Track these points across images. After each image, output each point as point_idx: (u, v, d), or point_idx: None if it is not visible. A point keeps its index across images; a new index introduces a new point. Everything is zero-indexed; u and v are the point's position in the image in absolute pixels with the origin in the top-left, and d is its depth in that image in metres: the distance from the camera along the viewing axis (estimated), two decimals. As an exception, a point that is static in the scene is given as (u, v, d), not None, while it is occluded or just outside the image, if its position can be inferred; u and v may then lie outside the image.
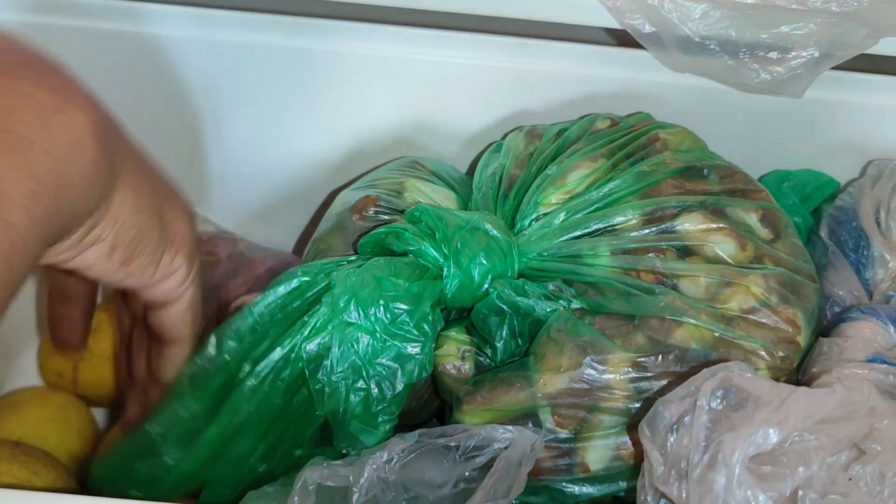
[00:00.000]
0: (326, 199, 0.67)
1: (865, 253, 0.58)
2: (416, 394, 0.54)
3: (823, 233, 0.60)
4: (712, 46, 0.56)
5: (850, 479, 0.39)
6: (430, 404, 0.55)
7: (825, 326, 0.54)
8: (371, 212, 0.56)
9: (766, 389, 0.38)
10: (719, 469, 0.36)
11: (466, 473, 0.46)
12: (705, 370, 0.40)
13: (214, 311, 0.67)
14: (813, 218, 0.62)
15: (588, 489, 0.49)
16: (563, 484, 0.49)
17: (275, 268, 0.67)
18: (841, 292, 0.56)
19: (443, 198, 0.59)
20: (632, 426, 0.47)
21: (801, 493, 0.38)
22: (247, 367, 0.46)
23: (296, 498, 0.45)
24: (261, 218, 0.69)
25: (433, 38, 0.62)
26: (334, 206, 0.60)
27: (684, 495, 0.37)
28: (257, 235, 0.69)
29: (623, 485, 0.48)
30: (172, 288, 0.45)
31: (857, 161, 0.64)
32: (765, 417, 0.36)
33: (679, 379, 0.46)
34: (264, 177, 0.67)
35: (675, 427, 0.39)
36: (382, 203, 0.57)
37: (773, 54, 0.56)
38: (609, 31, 0.60)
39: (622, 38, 0.62)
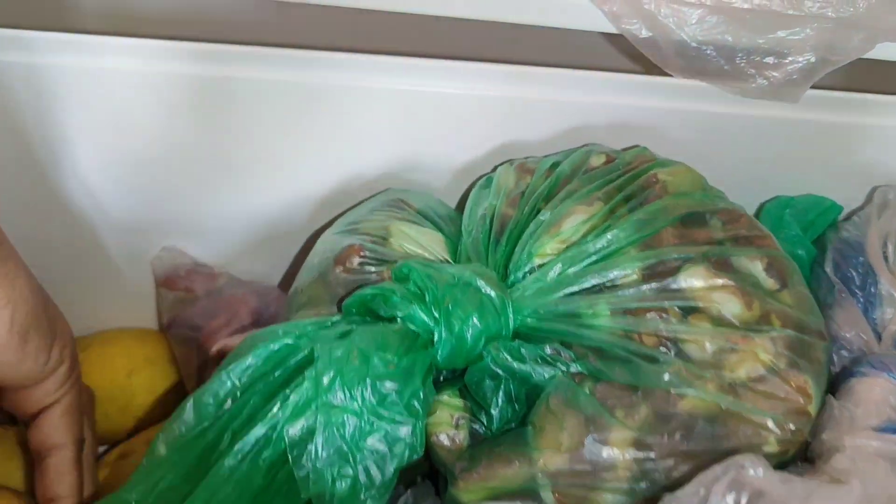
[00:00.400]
0: (313, 234, 0.64)
1: (873, 290, 0.55)
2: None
3: (829, 268, 0.57)
4: (709, 52, 0.55)
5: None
6: (422, 466, 0.53)
7: (834, 377, 0.51)
8: (355, 263, 0.53)
9: (778, 487, 0.36)
10: None
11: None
12: (716, 467, 0.38)
13: (195, 354, 0.65)
14: (816, 247, 0.60)
15: (591, 564, 0.47)
16: (566, 559, 0.47)
17: (257, 308, 0.64)
18: (848, 335, 0.54)
19: (430, 240, 0.56)
20: (636, 506, 0.45)
21: None
22: (226, 440, 0.44)
23: None
24: (243, 250, 0.66)
25: (417, 68, 0.58)
26: (316, 251, 0.57)
27: None
28: (240, 267, 0.66)
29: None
30: (53, 389, 0.46)
31: (861, 185, 0.62)
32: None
33: (685, 457, 0.44)
34: (247, 209, 0.63)
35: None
36: (367, 253, 0.54)
37: (770, 59, 0.55)
38: (606, 35, 0.57)
39: (616, 63, 0.59)
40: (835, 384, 0.50)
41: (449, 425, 0.49)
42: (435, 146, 0.61)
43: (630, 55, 0.59)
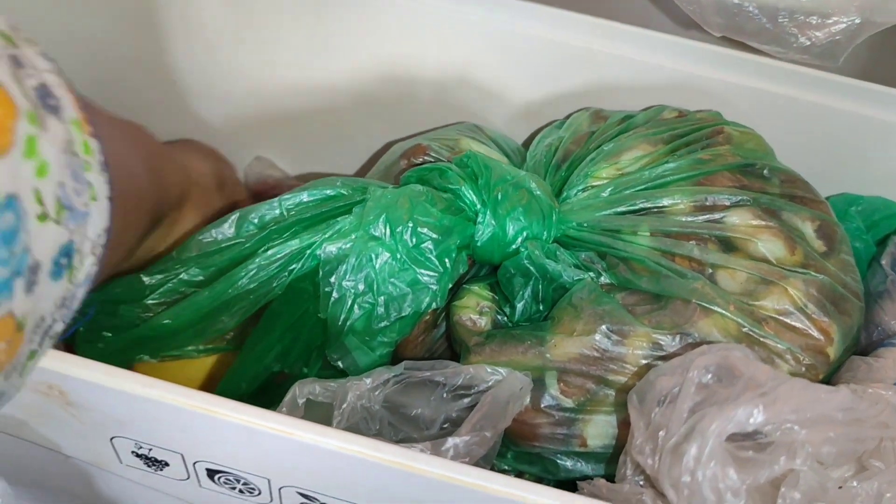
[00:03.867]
0: (381, 149, 0.67)
1: (926, 289, 0.55)
2: (431, 345, 0.54)
3: (886, 261, 0.57)
4: (751, 9, 0.56)
5: (840, 488, 0.36)
6: (444, 359, 0.54)
7: (864, 347, 0.51)
8: (420, 159, 0.56)
9: (763, 373, 0.36)
10: (694, 440, 0.34)
11: (454, 414, 0.45)
12: (705, 346, 0.38)
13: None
14: (877, 246, 0.59)
15: (582, 465, 0.48)
16: (559, 456, 0.48)
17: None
18: (893, 322, 0.53)
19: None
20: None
21: (783, 489, 0.36)
22: (259, 251, 0.46)
23: (284, 409, 0.45)
24: (318, 161, 0.70)
25: (508, 6, 0.61)
26: (388, 153, 0.60)
27: (656, 466, 0.36)
28: (318, 175, 0.70)
29: (619, 467, 0.47)
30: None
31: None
32: (751, 397, 0.35)
33: (693, 365, 0.45)
34: (320, 119, 0.67)
35: (663, 399, 0.38)
36: (432, 153, 0.57)
37: (813, 19, 0.55)
38: (674, 17, 0.59)
39: (655, 22, 0.61)
40: (865, 353, 0.50)
41: (474, 310, 0.51)
42: (513, 84, 0.64)
43: (668, 12, 0.60)
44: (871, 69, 0.65)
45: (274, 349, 0.50)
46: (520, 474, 0.51)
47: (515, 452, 0.49)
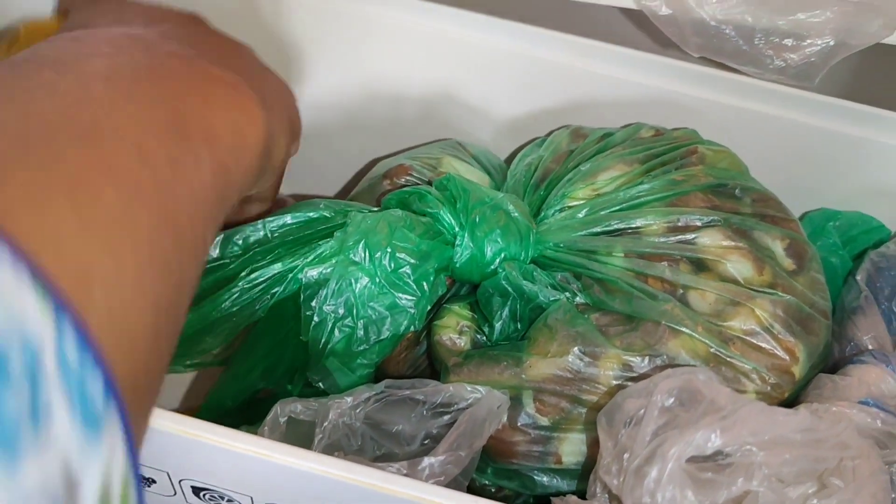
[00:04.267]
0: (366, 166, 0.69)
1: (898, 304, 0.56)
2: (413, 362, 0.55)
3: (860, 277, 0.58)
4: (728, 31, 0.56)
5: (799, 507, 0.38)
6: (426, 376, 0.56)
7: (836, 361, 0.52)
8: (402, 179, 0.58)
9: (724, 397, 0.38)
10: (655, 463, 0.36)
11: (434, 431, 0.47)
12: (669, 370, 0.40)
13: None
14: (854, 261, 0.60)
15: (558, 482, 0.49)
16: (535, 472, 0.49)
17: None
18: (865, 338, 0.54)
19: (476, 180, 0.60)
20: (609, 424, 0.47)
21: (743, 509, 0.37)
22: (243, 274, 0.48)
23: (266, 428, 0.46)
24: (304, 178, 0.71)
25: (490, 24, 0.63)
26: (372, 172, 0.61)
27: (621, 487, 0.37)
28: (305, 191, 0.72)
29: (592, 483, 0.48)
30: None
31: (912, 211, 0.62)
32: (710, 421, 0.36)
33: (662, 385, 0.46)
34: (306, 136, 0.68)
35: (629, 421, 0.39)
36: (415, 173, 0.58)
37: (788, 41, 0.56)
38: (624, 11, 0.60)
39: (632, 40, 0.62)
40: (836, 368, 0.51)
41: (453, 330, 0.52)
42: (495, 101, 0.65)
43: (648, 31, 0.62)
44: (850, 88, 0.66)
45: (258, 367, 0.51)
46: (499, 489, 0.52)
47: (495, 468, 0.51)
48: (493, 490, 0.52)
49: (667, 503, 0.35)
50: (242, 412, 0.55)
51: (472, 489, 0.52)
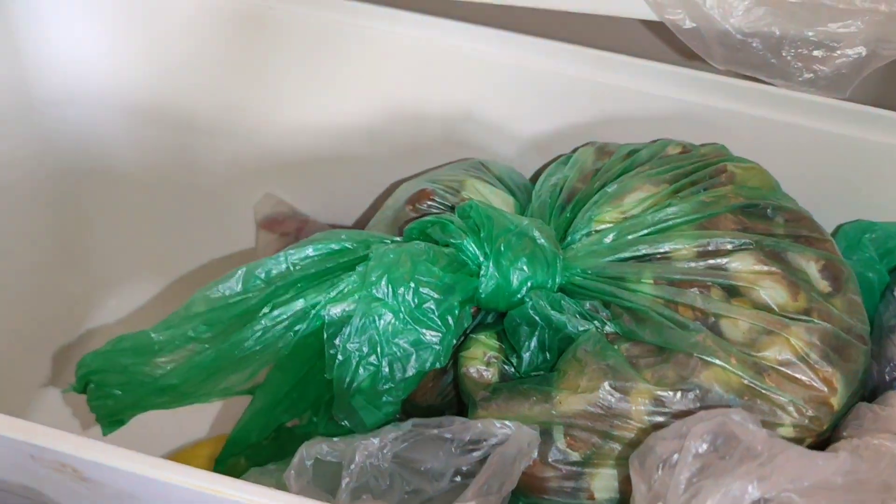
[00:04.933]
0: (389, 187, 0.68)
1: (939, 321, 0.54)
2: (442, 390, 0.54)
3: (898, 293, 0.56)
4: (755, 44, 0.55)
5: (841, 554, 0.36)
6: (454, 405, 0.55)
7: (876, 384, 0.51)
8: (425, 205, 0.57)
9: (760, 441, 0.36)
10: (691, 517, 0.34)
11: (464, 468, 0.46)
12: (703, 412, 0.38)
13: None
14: (891, 276, 0.58)
15: (590, 516, 0.48)
16: (567, 507, 0.49)
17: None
18: (904, 358, 0.53)
19: (500, 202, 0.59)
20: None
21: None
22: (265, 310, 0.47)
23: (292, 472, 0.46)
24: (325, 200, 0.71)
25: (512, 41, 0.61)
26: (393, 196, 0.60)
27: (657, 537, 0.36)
28: (329, 214, 0.71)
29: (627, 518, 0.47)
30: None
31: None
32: (747, 470, 0.35)
33: (696, 420, 0.45)
34: (327, 157, 0.68)
35: (662, 464, 0.38)
36: (437, 198, 0.57)
37: (819, 52, 0.54)
38: (645, 23, 0.58)
39: (655, 53, 0.61)
40: (877, 393, 0.50)
41: (481, 361, 0.51)
42: (519, 119, 0.64)
43: (671, 43, 0.60)
44: (880, 95, 0.64)
45: (283, 403, 0.51)
46: (531, 522, 0.51)
47: (525, 502, 0.50)
48: (525, 523, 0.52)
49: (704, 558, 0.34)
50: (269, 444, 0.54)
51: (504, 523, 0.51)
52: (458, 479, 0.48)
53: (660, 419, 0.45)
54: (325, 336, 0.47)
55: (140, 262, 0.75)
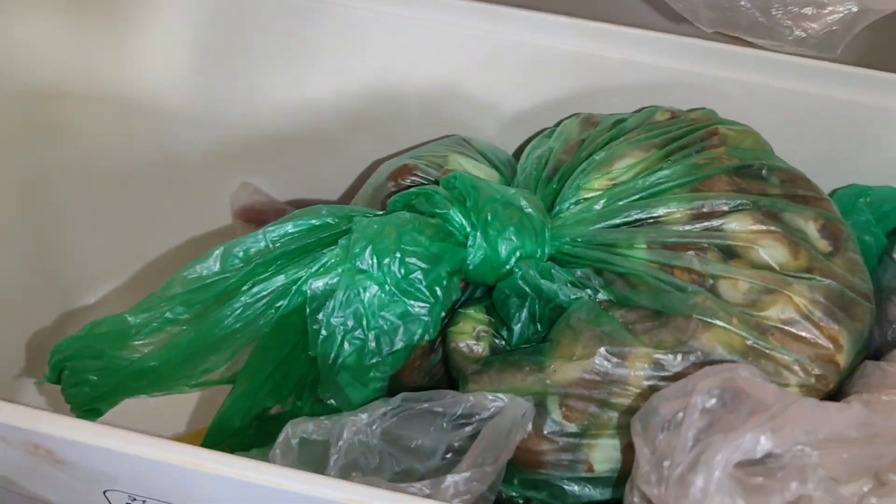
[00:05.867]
0: (370, 167, 0.66)
1: (940, 281, 0.53)
2: (429, 370, 0.52)
3: (896, 255, 0.55)
4: (742, 3, 0.54)
5: (858, 509, 0.35)
6: (443, 385, 0.53)
7: (879, 347, 0.49)
8: (408, 180, 0.55)
9: (770, 394, 0.35)
10: (699, 471, 0.32)
11: (456, 444, 0.44)
12: (708, 368, 0.37)
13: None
14: (889, 238, 0.57)
15: (590, 491, 0.46)
16: (565, 481, 0.46)
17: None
18: (906, 319, 0.51)
19: (484, 176, 0.57)
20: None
21: (799, 514, 0.34)
22: (245, 288, 0.45)
23: (278, 451, 0.44)
24: (306, 183, 0.69)
25: (491, 13, 0.60)
26: (375, 173, 0.58)
27: (662, 497, 0.34)
28: (305, 201, 0.69)
29: (628, 491, 0.45)
30: None
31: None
32: (758, 422, 0.33)
33: (698, 383, 0.43)
34: (307, 139, 0.66)
35: (667, 425, 0.36)
36: (420, 173, 0.55)
37: (808, 10, 0.53)
38: (663, 13, 0.57)
39: (642, 18, 0.59)
40: (880, 355, 0.48)
41: (470, 336, 0.49)
42: (501, 93, 0.62)
43: (657, 8, 0.59)
44: (871, 56, 0.63)
45: (266, 385, 0.49)
46: (528, 501, 0.49)
47: (521, 479, 0.47)
48: (520, 501, 0.49)
49: (716, 514, 0.32)
50: (252, 432, 0.52)
51: (499, 501, 0.49)
52: (450, 455, 0.46)
53: (660, 384, 0.43)
54: (308, 311, 0.45)
55: (117, 253, 0.73)
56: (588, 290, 0.48)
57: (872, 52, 0.63)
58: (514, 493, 0.49)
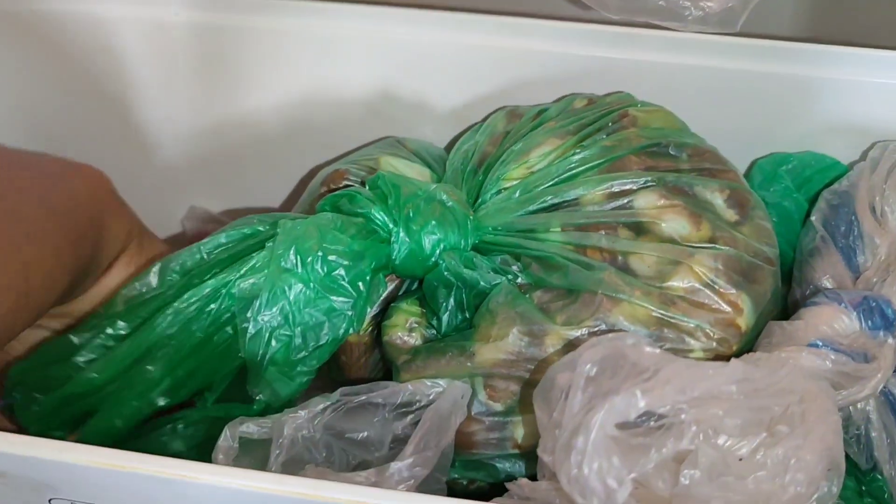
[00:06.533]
0: (310, 173, 0.69)
1: (856, 239, 0.54)
2: (373, 367, 0.55)
3: (815, 217, 0.56)
4: None
5: (740, 460, 0.37)
6: (389, 377, 0.55)
7: (795, 307, 0.51)
8: (341, 184, 0.57)
9: (647, 358, 0.37)
10: (580, 434, 0.35)
11: (401, 432, 0.46)
12: (594, 338, 0.39)
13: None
14: (811, 202, 0.59)
15: (519, 467, 0.49)
16: (497, 459, 0.49)
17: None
18: (823, 279, 0.53)
19: (416, 174, 0.59)
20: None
21: (683, 469, 0.36)
22: (180, 296, 0.48)
23: (220, 455, 0.45)
24: (253, 196, 0.71)
25: (412, 17, 0.62)
26: (313, 182, 0.61)
27: (554, 463, 0.37)
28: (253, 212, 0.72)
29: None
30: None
31: (863, 143, 0.61)
32: (632, 384, 0.35)
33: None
34: (251, 154, 0.69)
35: (564, 394, 0.38)
36: (351, 177, 0.57)
37: None
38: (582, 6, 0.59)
39: (553, 8, 0.61)
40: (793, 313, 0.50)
41: (403, 328, 0.52)
42: (431, 94, 0.65)
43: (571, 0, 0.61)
44: (789, 27, 0.65)
45: (161, 384, 0.49)
46: (472, 482, 0.52)
47: (460, 461, 0.50)
48: (465, 483, 0.52)
49: (594, 474, 0.34)
50: (134, 436, 0.51)
51: (447, 485, 0.51)
52: (396, 445, 0.47)
53: (571, 359, 0.46)
54: (237, 310, 0.47)
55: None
56: (508, 276, 0.50)
57: (791, 23, 0.65)
58: (456, 476, 0.51)
